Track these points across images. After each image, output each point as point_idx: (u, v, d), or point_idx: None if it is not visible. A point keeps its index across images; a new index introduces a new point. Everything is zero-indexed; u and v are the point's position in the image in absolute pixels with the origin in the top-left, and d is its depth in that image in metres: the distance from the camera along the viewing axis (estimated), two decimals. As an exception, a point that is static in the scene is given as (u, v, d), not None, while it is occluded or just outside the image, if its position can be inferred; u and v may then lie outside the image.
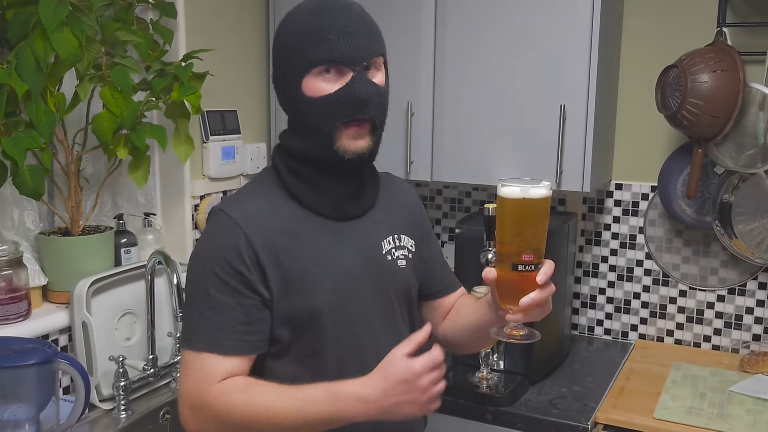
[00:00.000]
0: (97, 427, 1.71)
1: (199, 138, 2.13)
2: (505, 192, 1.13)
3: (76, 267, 1.77)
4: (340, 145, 1.22)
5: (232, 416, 1.16)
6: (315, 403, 1.15)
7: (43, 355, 1.42)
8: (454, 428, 1.90)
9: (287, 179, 1.27)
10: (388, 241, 1.34)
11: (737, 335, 2.25)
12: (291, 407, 1.15)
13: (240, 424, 1.17)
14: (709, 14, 2.10)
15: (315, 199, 1.27)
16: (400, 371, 1.13)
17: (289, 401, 1.16)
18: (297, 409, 1.15)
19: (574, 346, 2.34)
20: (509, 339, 1.19)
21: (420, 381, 1.12)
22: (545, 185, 1.13)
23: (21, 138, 1.55)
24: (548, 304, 1.20)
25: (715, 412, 1.83)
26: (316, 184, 1.27)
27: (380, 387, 1.14)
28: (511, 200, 1.13)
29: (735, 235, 2.12)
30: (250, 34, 2.34)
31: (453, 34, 2.11)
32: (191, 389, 1.19)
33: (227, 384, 1.18)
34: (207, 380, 1.18)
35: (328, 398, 1.15)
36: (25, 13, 1.54)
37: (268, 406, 1.16)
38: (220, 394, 1.17)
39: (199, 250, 1.25)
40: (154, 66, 1.85)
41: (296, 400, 1.16)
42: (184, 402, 1.21)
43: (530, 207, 1.12)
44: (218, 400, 1.17)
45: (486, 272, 1.19)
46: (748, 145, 1.99)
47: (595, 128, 1.99)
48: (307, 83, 1.20)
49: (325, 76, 1.19)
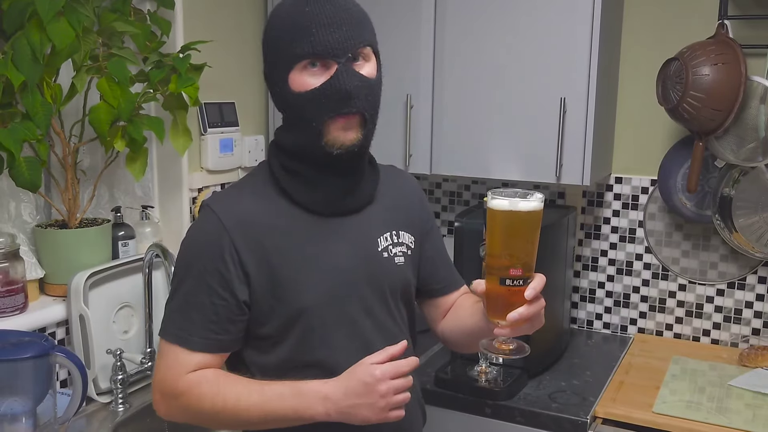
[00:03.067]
0: (94, 420, 1.71)
1: (197, 130, 2.12)
2: (495, 204, 1.11)
3: (73, 260, 1.76)
4: (329, 139, 1.19)
5: (199, 407, 1.20)
6: (279, 398, 1.17)
7: (40, 348, 1.42)
8: (453, 422, 1.90)
9: (279, 176, 1.26)
10: (385, 237, 1.32)
11: (737, 329, 2.25)
12: (256, 401, 1.18)
13: (206, 415, 1.21)
14: (711, 6, 2.09)
15: (307, 195, 1.25)
16: (361, 374, 1.15)
17: (254, 395, 1.18)
18: (262, 403, 1.18)
19: (573, 340, 2.34)
20: (498, 354, 1.18)
21: (379, 386, 1.13)
22: (536, 197, 1.11)
23: (17, 129, 1.54)
24: (538, 318, 1.18)
25: (714, 406, 1.83)
26: (308, 181, 1.25)
27: (341, 387, 1.16)
28: (501, 212, 1.10)
29: (735, 229, 2.11)
30: (249, 25, 2.33)
31: (453, 26, 2.10)
32: (163, 377, 1.23)
33: (197, 375, 1.21)
34: (178, 370, 1.21)
35: (292, 394, 1.17)
36: (22, 3, 1.53)
37: (234, 399, 1.18)
38: (189, 385, 1.20)
39: (184, 242, 1.26)
40: (152, 57, 1.84)
41: (261, 394, 1.18)
42: (156, 388, 1.25)
43: (520, 220, 1.10)
44: (187, 391, 1.20)
45: (475, 285, 1.18)
46: (749, 138, 1.98)
47: (595, 121, 1.98)
48: (293, 78, 1.19)
49: (311, 70, 1.18)
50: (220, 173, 2.22)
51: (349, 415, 1.16)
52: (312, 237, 1.25)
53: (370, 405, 1.14)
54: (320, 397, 1.16)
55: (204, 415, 1.21)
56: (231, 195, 1.29)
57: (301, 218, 1.25)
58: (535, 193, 1.11)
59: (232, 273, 1.20)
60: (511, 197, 1.10)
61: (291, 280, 1.22)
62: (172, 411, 1.24)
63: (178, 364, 1.21)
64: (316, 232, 1.25)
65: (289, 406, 1.17)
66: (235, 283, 1.20)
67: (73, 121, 1.80)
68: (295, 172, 1.25)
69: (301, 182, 1.25)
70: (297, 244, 1.23)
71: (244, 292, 1.21)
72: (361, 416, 1.15)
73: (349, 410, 1.15)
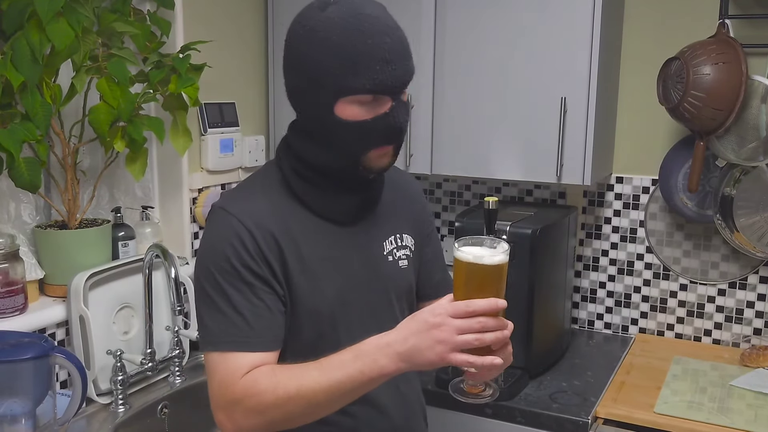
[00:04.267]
0: (94, 421, 1.70)
1: (197, 130, 2.12)
2: (459, 255, 1.09)
3: (73, 260, 1.75)
4: (366, 166, 1.20)
5: (263, 404, 1.13)
6: (341, 366, 1.11)
7: (40, 349, 1.42)
8: (454, 423, 1.90)
9: (294, 183, 1.24)
10: (390, 241, 1.33)
11: (738, 329, 2.24)
12: (318, 378, 1.11)
13: (274, 411, 1.13)
14: (712, 6, 2.09)
15: (325, 207, 1.24)
16: (423, 313, 1.09)
17: (314, 373, 1.12)
18: (325, 379, 1.10)
19: (574, 340, 2.33)
20: (466, 399, 1.15)
21: (437, 322, 1.06)
22: (502, 249, 1.09)
23: (17, 130, 1.54)
24: (508, 359, 1.15)
25: (715, 406, 1.83)
26: (327, 193, 1.24)
27: (402, 330, 1.10)
28: (465, 264, 1.09)
29: (736, 229, 2.11)
30: (249, 25, 2.33)
31: (453, 26, 2.09)
32: (218, 392, 1.16)
33: (251, 375, 1.15)
34: (232, 378, 1.15)
35: (353, 357, 1.11)
36: (21, 4, 1.53)
37: (296, 384, 1.12)
38: (245, 386, 1.14)
39: (204, 250, 1.22)
40: (152, 57, 1.83)
41: (322, 370, 1.12)
42: (215, 406, 1.17)
43: (484, 272, 1.08)
44: (245, 392, 1.14)
45: None
46: (750, 138, 1.98)
47: (596, 121, 1.98)
48: (342, 106, 1.15)
49: (362, 100, 1.15)
50: (220, 173, 2.21)
51: (413, 358, 1.08)
52: (323, 242, 1.24)
53: (429, 346, 1.06)
54: (382, 348, 1.09)
55: (271, 411, 1.13)
56: (241, 196, 1.26)
57: (312, 222, 1.25)
58: (502, 242, 1.10)
59: (262, 268, 1.18)
60: (479, 245, 1.09)
61: (302, 286, 1.21)
62: (239, 420, 1.15)
63: (230, 372, 1.15)
64: (326, 237, 1.25)
65: (354, 369, 1.10)
66: (269, 276, 1.18)
67: (73, 121, 1.80)
68: (315, 183, 1.24)
69: (320, 194, 1.24)
70: (309, 248, 1.23)
71: (277, 285, 1.19)
72: (423, 359, 1.08)
73: (411, 353, 1.08)
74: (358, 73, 1.12)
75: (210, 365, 1.18)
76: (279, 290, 1.19)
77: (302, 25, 1.17)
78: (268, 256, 1.18)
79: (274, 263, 1.19)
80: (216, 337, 1.17)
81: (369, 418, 1.29)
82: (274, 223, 1.21)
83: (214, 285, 1.18)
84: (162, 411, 1.83)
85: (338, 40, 1.13)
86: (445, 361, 1.08)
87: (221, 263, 1.17)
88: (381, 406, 1.30)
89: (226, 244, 1.18)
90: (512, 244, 1.12)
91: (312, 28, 1.15)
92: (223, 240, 1.19)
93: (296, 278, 1.21)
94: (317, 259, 1.23)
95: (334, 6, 1.15)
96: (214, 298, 1.18)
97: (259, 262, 1.18)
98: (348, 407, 1.19)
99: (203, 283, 1.20)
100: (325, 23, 1.14)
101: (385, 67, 1.13)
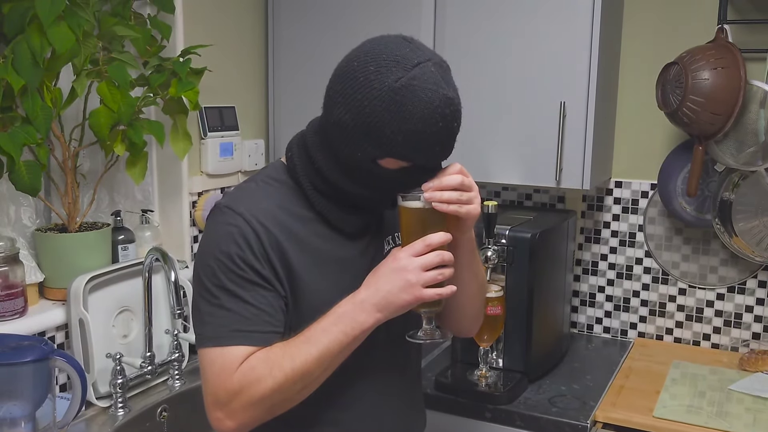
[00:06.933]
0: (93, 424, 1.70)
1: (197, 134, 2.12)
2: (405, 204, 1.20)
3: (73, 264, 1.76)
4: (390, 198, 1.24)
5: (263, 391, 1.13)
6: (324, 332, 1.15)
7: (40, 352, 1.42)
8: (453, 426, 1.90)
9: (312, 196, 1.25)
10: (387, 241, 1.34)
11: (737, 333, 2.25)
12: (307, 350, 1.14)
13: (276, 395, 1.14)
14: (710, 11, 2.10)
15: (339, 219, 1.26)
16: (386, 263, 1.18)
17: (303, 346, 1.14)
18: (315, 349, 1.14)
19: (573, 344, 2.34)
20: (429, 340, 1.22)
21: (403, 265, 1.15)
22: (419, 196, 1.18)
23: (17, 133, 1.54)
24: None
25: (714, 410, 1.83)
26: (343, 208, 1.25)
27: (371, 284, 1.17)
28: (411, 209, 1.20)
29: (735, 233, 2.11)
30: (249, 29, 2.33)
31: (452, 30, 2.10)
32: (213, 388, 1.16)
33: (248, 361, 1.15)
34: (230, 369, 1.14)
35: (333, 321, 1.16)
36: (22, 7, 1.53)
37: (289, 361, 1.13)
38: (241, 376, 1.14)
39: (206, 247, 1.22)
40: (152, 61, 1.84)
41: (309, 341, 1.15)
42: (211, 404, 1.17)
43: (426, 214, 1.19)
44: (243, 382, 1.13)
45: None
46: (749, 142, 1.98)
47: (595, 125, 1.98)
48: (388, 161, 1.17)
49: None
50: (220, 177, 2.22)
51: (389, 305, 1.15)
52: (327, 243, 1.25)
53: (402, 287, 1.14)
54: (357, 305, 1.16)
55: (272, 396, 1.14)
56: (249, 197, 1.26)
57: (318, 225, 1.25)
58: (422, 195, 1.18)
59: (265, 268, 1.18)
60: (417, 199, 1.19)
61: (305, 286, 1.22)
62: (239, 415, 1.15)
63: (227, 365, 1.14)
64: (331, 240, 1.26)
65: (338, 331, 1.15)
66: (271, 276, 1.19)
67: (73, 125, 1.80)
68: (334, 199, 1.25)
69: (337, 209, 1.25)
70: (313, 250, 1.23)
71: (279, 285, 1.20)
72: (400, 302, 1.15)
73: (386, 300, 1.15)
74: (417, 150, 1.14)
75: (206, 361, 1.17)
76: (281, 290, 1.20)
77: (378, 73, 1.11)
78: (272, 257, 1.19)
79: (278, 264, 1.19)
80: (215, 332, 1.17)
81: (368, 428, 1.31)
82: (279, 224, 1.21)
83: (215, 282, 1.18)
84: (161, 414, 1.82)
85: (413, 110, 1.10)
86: (419, 299, 1.15)
87: (224, 260, 1.17)
88: (379, 418, 1.32)
89: (231, 243, 1.18)
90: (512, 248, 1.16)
91: (390, 88, 1.10)
92: (228, 238, 1.19)
93: (299, 278, 1.21)
94: (321, 260, 1.23)
95: (419, 69, 1.12)
96: (216, 294, 1.17)
97: (263, 263, 1.18)
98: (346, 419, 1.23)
99: (204, 280, 1.19)
100: (406, 89, 1.10)
101: (439, 150, 1.17)
